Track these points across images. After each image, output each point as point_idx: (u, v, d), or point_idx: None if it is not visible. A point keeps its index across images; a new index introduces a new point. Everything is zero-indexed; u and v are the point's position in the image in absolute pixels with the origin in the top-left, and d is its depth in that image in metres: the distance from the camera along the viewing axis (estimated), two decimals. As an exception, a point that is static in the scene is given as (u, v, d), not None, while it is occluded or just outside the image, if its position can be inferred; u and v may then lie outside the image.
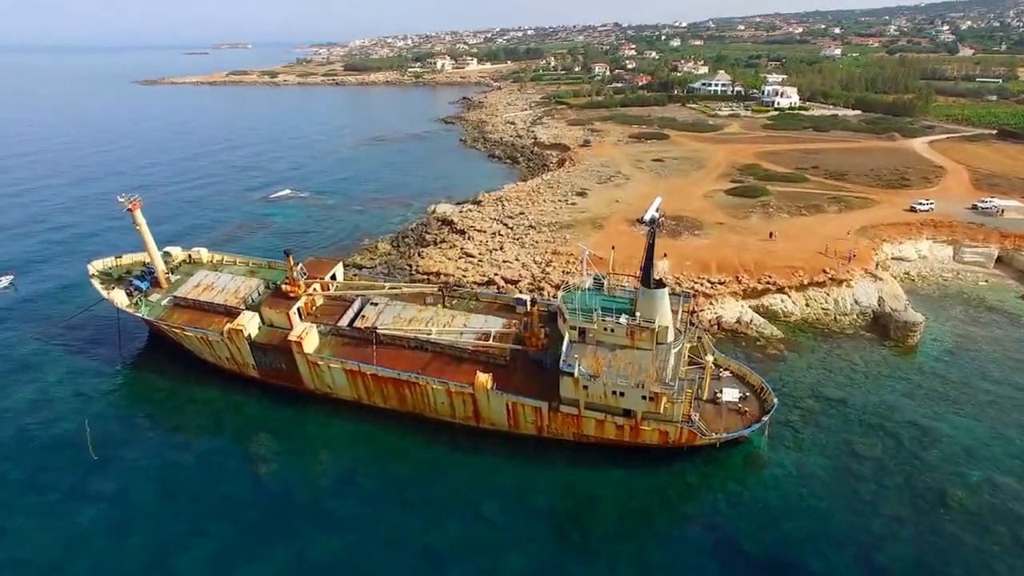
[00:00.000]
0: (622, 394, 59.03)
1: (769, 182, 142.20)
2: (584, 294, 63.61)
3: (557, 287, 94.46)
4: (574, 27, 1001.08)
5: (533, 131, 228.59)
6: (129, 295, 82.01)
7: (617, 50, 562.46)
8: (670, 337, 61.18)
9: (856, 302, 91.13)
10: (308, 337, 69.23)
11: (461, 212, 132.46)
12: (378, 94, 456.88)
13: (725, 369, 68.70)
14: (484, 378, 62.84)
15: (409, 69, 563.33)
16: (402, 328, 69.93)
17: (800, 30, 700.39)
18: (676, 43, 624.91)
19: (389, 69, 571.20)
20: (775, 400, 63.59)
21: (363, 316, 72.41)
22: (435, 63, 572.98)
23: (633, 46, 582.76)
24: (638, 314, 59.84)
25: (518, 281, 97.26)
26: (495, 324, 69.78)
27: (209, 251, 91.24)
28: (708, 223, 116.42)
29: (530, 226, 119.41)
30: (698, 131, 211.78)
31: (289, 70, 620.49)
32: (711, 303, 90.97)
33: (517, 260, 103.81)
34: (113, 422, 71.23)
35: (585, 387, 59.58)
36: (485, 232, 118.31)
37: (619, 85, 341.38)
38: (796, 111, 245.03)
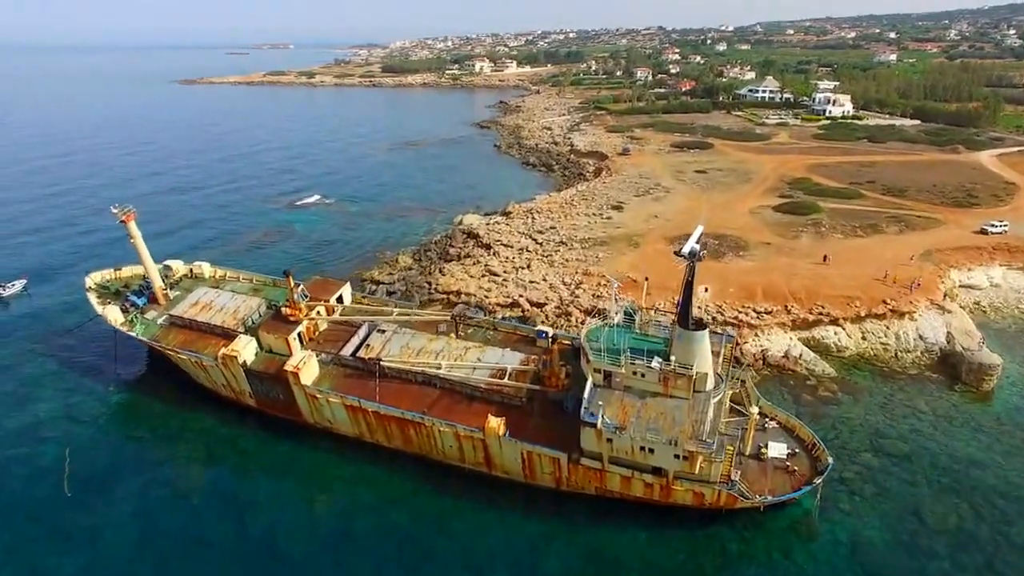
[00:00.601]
0: (652, 450, 51.31)
1: (821, 198, 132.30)
2: (612, 331, 56.10)
3: (586, 312, 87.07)
4: (617, 30, 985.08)
5: (570, 138, 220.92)
6: (125, 311, 77.09)
7: (660, 54, 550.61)
8: (709, 385, 53.34)
9: (920, 337, 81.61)
10: (306, 367, 63.06)
11: (488, 224, 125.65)
12: (414, 96, 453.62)
13: (772, 419, 60.40)
14: (496, 423, 55.79)
15: (446, 71, 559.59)
16: (409, 361, 63.26)
17: (853, 35, 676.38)
18: (722, 47, 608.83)
19: (426, 71, 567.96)
20: (829, 460, 55.10)
21: (368, 345, 65.99)
22: (473, 65, 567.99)
23: (677, 50, 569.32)
24: (673, 358, 52.08)
25: (544, 304, 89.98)
26: (512, 359, 62.64)
27: (212, 265, 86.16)
28: (754, 243, 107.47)
29: (561, 242, 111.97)
30: (744, 140, 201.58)
31: (326, 71, 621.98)
32: (756, 334, 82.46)
33: (544, 280, 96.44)
34: (98, 452, 66.16)
35: (609, 440, 52.00)
36: (512, 247, 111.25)
37: (661, 90, 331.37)
38: (850, 120, 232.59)
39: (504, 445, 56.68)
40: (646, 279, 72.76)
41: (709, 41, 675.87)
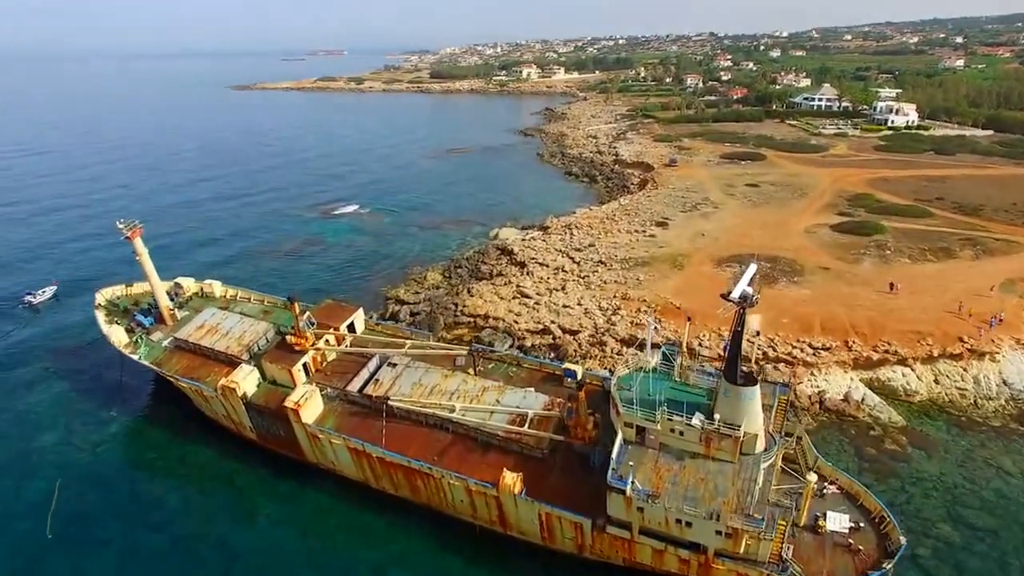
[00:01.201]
0: (689, 524, 43.89)
1: (884, 216, 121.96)
2: (647, 379, 48.85)
3: (624, 342, 79.85)
4: (667, 37, 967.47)
5: (615, 147, 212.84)
6: (131, 331, 72.94)
7: (712, 60, 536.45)
8: (759, 447, 45.61)
9: (1004, 383, 71.85)
10: (308, 404, 57.36)
11: (524, 240, 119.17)
12: (460, 102, 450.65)
13: (832, 483, 52.03)
14: (512, 479, 49.06)
15: (494, 77, 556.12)
16: (420, 401, 56.97)
17: (915, 40, 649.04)
18: (776, 54, 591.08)
19: (474, 77, 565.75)
20: (902, 539, 46.44)
21: (377, 380, 59.98)
22: (520, 71, 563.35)
23: (729, 56, 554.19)
24: (717, 416, 44.57)
25: (577, 332, 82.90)
26: (534, 403, 55.78)
27: (223, 284, 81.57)
28: (810, 267, 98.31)
29: (599, 261, 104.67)
30: (799, 152, 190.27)
31: (375, 77, 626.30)
32: (812, 374, 73.86)
33: (579, 305, 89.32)
34: (89, 486, 61.97)
35: (640, 509, 44.75)
36: (547, 266, 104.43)
37: (712, 98, 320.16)
38: (914, 131, 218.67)
39: (520, 504, 49.91)
40: (688, 319, 64.52)
41: (762, 47, 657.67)
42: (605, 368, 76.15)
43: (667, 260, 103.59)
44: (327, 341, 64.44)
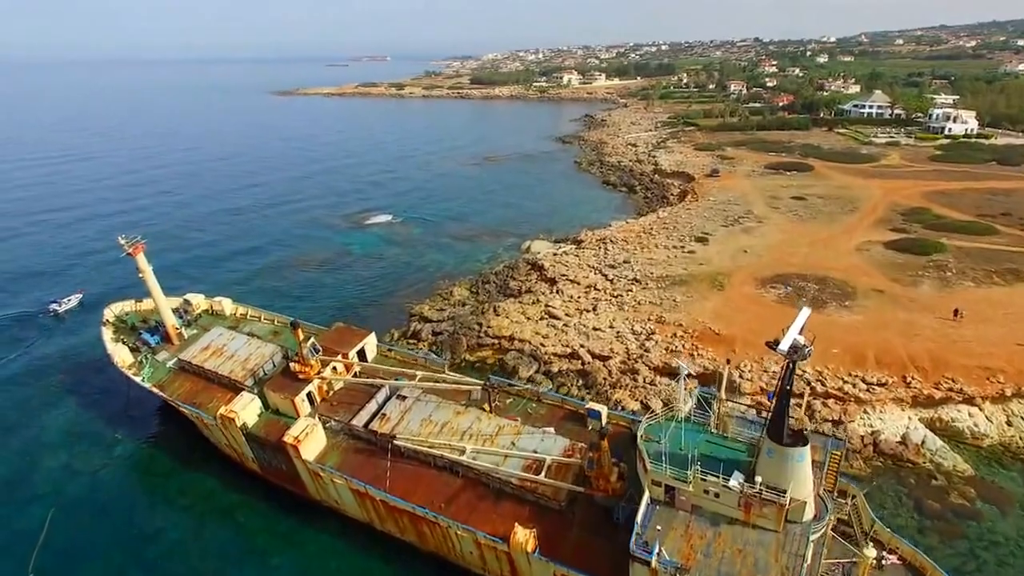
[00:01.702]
0: (725, 604, 38.14)
1: (944, 233, 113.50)
2: (679, 430, 43.20)
3: (657, 370, 74.07)
4: (711, 42, 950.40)
5: (655, 156, 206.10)
6: (136, 350, 69.85)
7: (756, 66, 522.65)
8: (808, 515, 39.60)
9: (1088, 428, 64.13)
10: (309, 439, 52.99)
11: (555, 255, 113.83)
12: (500, 108, 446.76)
13: (892, 551, 45.51)
14: (524, 536, 43.82)
15: (534, 83, 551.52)
16: (428, 440, 52.10)
17: (973, 43, 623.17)
18: (823, 59, 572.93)
19: (514, 83, 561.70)
20: (976, 625, 40.09)
21: (384, 415, 55.42)
22: (561, 77, 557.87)
23: (774, 62, 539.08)
24: (759, 477, 38.73)
25: (608, 358, 77.33)
26: (552, 447, 50.46)
27: (234, 302, 78.11)
28: (863, 289, 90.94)
29: (634, 279, 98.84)
30: (848, 162, 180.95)
31: (416, 83, 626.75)
32: (865, 411, 67.01)
33: (611, 328, 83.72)
34: (83, 516, 58.77)
35: (668, 581, 39.14)
36: (579, 284, 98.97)
37: (756, 105, 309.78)
38: (974, 139, 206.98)
39: (534, 563, 44.64)
40: (727, 362, 58.21)
41: (809, 53, 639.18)
42: (636, 400, 70.68)
43: (706, 279, 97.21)
44: (334, 369, 60.12)
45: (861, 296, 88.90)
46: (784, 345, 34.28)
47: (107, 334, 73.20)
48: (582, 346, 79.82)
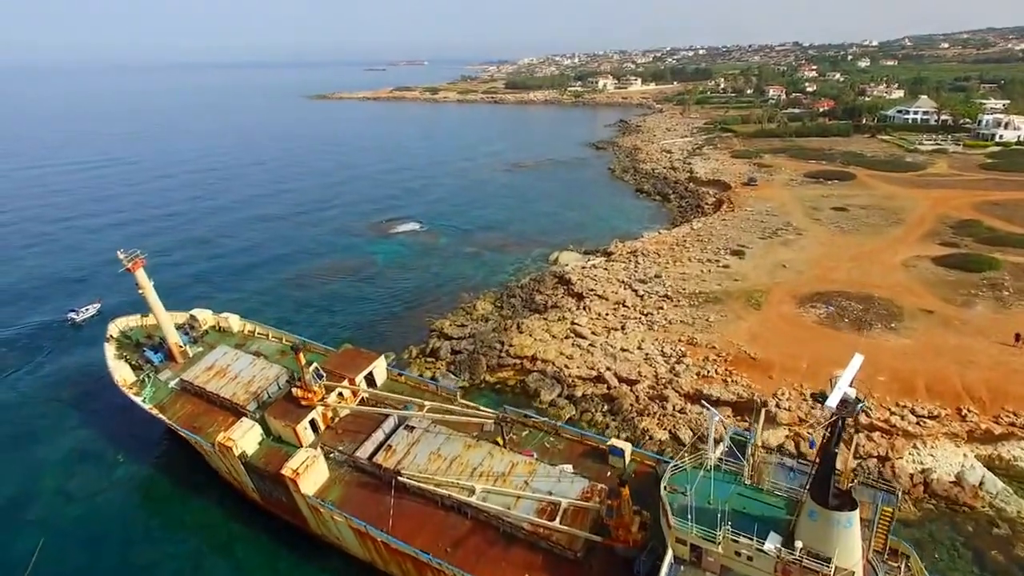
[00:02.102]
0: None
1: (997, 248, 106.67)
2: (707, 481, 38.88)
3: (687, 397, 69.66)
4: (749, 47, 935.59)
5: (690, 163, 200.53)
6: (139, 368, 67.61)
7: (795, 71, 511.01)
8: (855, 583, 35.05)
9: None
10: (309, 472, 49.80)
11: (584, 268, 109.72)
12: (534, 113, 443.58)
13: (950, 617, 40.71)
14: (537, 589, 40.10)
15: (568, 88, 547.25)
16: (435, 478, 48.46)
17: (1023, 46, 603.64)
18: (864, 63, 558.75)
19: (549, 88, 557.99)
20: None
21: (390, 447, 52.02)
22: (596, 82, 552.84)
23: (814, 67, 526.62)
24: (800, 542, 34.28)
25: (635, 382, 73.17)
26: (570, 488, 46.44)
27: (241, 319, 75.65)
28: (910, 310, 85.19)
29: (665, 296, 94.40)
30: (893, 170, 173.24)
31: (451, 87, 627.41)
32: (915, 447, 61.81)
33: (640, 349, 79.48)
34: (75, 546, 56.23)
35: (694, 653, 35.01)
36: (607, 300, 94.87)
37: (795, 111, 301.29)
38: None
39: (547, 619, 40.89)
40: (764, 405, 53.62)
41: (850, 57, 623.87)
42: (664, 428, 66.42)
43: (742, 296, 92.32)
44: (340, 395, 56.98)
45: (909, 317, 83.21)
46: (833, 400, 29.89)
47: (110, 350, 70.96)
48: (608, 368, 75.72)
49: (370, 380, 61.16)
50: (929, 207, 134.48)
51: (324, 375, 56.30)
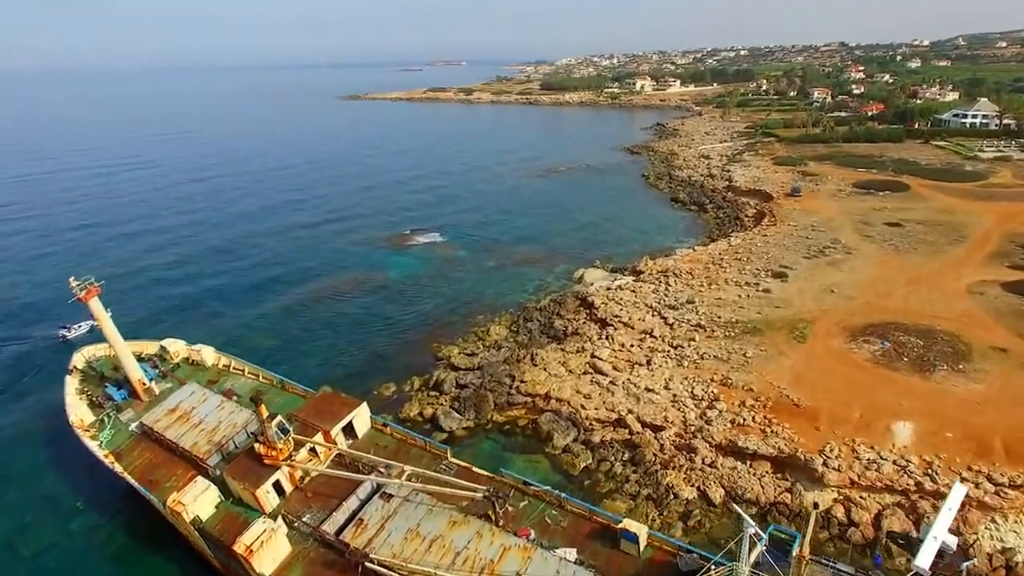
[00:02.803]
0: None
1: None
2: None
3: (720, 448, 60.85)
4: (792, 47, 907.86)
5: (729, 170, 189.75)
6: (99, 406, 61.07)
7: (841, 72, 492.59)
8: None
9: None
10: (266, 548, 42.34)
11: (609, 289, 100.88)
12: (569, 115, 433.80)
13: None
14: None
15: (605, 90, 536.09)
16: (409, 563, 40.50)
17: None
18: (915, 64, 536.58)
19: (585, 89, 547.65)
20: None
21: (361, 520, 44.35)
22: (633, 83, 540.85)
23: (862, 68, 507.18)
24: None
25: (662, 428, 64.52)
26: (573, 580, 38.33)
27: (216, 351, 68.47)
28: (980, 347, 74.66)
29: (697, 324, 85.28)
30: (951, 180, 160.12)
31: (485, 88, 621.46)
32: (993, 520, 52.05)
33: (667, 388, 70.64)
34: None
35: None
36: (632, 328, 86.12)
37: (842, 115, 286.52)
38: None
39: None
40: (815, 506, 44.52)
41: (900, 57, 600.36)
42: (692, 485, 57.74)
43: (784, 327, 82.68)
44: (312, 451, 49.42)
45: (979, 356, 72.76)
46: (924, 560, 21.30)
47: (71, 384, 64.37)
48: (630, 411, 67.15)
49: (350, 431, 53.52)
50: (994, 223, 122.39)
51: (290, 429, 48.35)
